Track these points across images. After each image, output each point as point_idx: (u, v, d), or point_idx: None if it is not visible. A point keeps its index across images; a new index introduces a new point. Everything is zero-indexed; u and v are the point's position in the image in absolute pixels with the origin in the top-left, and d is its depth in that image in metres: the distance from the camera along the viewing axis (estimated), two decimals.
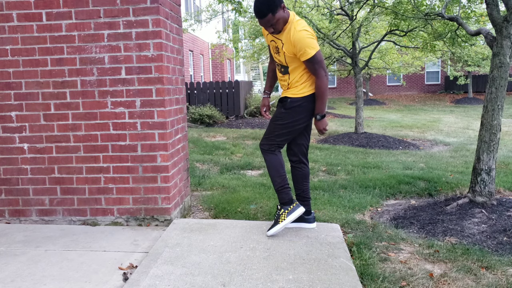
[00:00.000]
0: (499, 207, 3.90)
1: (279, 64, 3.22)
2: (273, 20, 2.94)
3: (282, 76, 3.25)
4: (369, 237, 3.46)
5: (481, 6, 8.13)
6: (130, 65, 3.39)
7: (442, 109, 19.85)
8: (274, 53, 3.20)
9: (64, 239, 3.25)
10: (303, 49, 2.97)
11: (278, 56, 3.16)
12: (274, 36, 3.11)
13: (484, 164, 3.98)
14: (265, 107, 3.49)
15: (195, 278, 2.56)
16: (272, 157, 3.24)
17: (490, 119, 3.94)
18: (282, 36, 3.06)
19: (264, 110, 3.49)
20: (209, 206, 4.30)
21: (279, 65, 3.22)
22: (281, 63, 3.18)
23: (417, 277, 2.78)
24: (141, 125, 3.46)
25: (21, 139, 3.55)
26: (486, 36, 4.07)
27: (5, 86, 3.50)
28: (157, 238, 3.26)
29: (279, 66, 3.22)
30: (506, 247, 3.29)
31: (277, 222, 3.19)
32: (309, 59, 3.01)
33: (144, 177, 3.51)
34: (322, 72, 3.03)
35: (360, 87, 9.73)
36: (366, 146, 8.71)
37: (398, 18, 6.88)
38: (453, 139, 9.99)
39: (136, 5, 3.32)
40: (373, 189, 5.02)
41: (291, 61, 3.10)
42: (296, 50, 3.01)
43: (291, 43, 3.01)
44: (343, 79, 26.94)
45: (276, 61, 3.22)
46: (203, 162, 6.62)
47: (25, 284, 2.55)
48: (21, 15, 3.41)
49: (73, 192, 3.57)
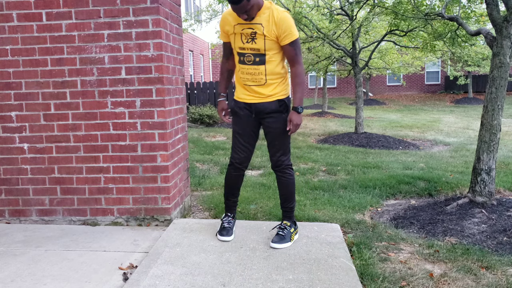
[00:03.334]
0: (499, 207, 3.90)
1: (251, 55, 2.96)
2: (247, 6, 2.78)
3: (255, 68, 2.98)
4: (369, 237, 3.46)
5: (481, 6, 8.13)
6: (130, 65, 3.39)
7: (442, 109, 19.85)
8: (245, 42, 2.96)
9: (64, 239, 3.25)
10: (288, 29, 2.86)
11: (254, 44, 2.95)
12: (249, 23, 2.93)
13: (484, 164, 3.98)
14: (224, 111, 3.19)
15: (195, 278, 2.56)
16: (293, 172, 3.16)
17: (490, 119, 3.94)
18: (262, 20, 2.90)
19: (224, 114, 3.19)
20: (209, 206, 4.30)
21: (251, 55, 2.96)
22: (257, 52, 2.96)
23: (417, 277, 2.78)
24: (141, 125, 3.46)
25: (21, 139, 3.55)
26: (486, 36, 4.07)
27: (5, 86, 3.50)
28: (157, 238, 3.26)
29: (252, 56, 2.98)
30: (506, 247, 3.29)
31: (288, 239, 3.06)
32: (293, 42, 2.89)
33: (144, 177, 3.51)
34: (301, 58, 2.97)
35: (360, 87, 9.73)
36: (366, 146, 8.71)
37: (398, 18, 6.88)
38: (453, 139, 9.98)
39: (136, 5, 3.32)
40: (373, 189, 5.02)
41: (270, 47, 2.93)
42: (281, 31, 2.87)
43: (275, 24, 2.87)
44: (343, 79, 26.94)
45: (248, 52, 2.97)
46: (203, 162, 6.62)
47: (25, 284, 2.55)
48: (21, 15, 3.41)
49: (73, 192, 3.57)
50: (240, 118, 3.08)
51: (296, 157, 7.16)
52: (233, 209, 3.29)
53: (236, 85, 3.13)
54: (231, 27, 2.99)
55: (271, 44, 2.92)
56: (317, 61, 14.49)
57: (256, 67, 2.96)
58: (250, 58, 2.97)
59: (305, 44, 11.10)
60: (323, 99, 17.74)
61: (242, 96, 3.05)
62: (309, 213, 4.01)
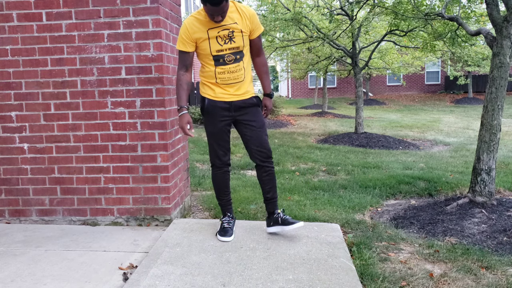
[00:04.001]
0: (499, 207, 3.90)
1: (231, 54, 2.99)
2: (226, 6, 2.78)
3: (236, 65, 3.00)
4: (369, 237, 3.46)
5: (481, 6, 8.13)
6: (130, 65, 3.39)
7: (442, 109, 19.85)
8: (223, 44, 2.94)
9: (64, 239, 3.25)
10: (258, 22, 3.00)
11: (233, 43, 2.96)
12: (223, 24, 2.92)
13: (484, 164, 3.98)
14: (189, 125, 3.02)
15: (195, 278, 2.56)
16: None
17: (490, 119, 3.95)
18: (234, 18, 2.93)
19: (188, 128, 3.02)
20: (209, 206, 4.30)
21: (231, 54, 2.97)
22: (236, 50, 2.98)
23: (417, 277, 2.78)
24: (141, 125, 3.46)
25: (21, 139, 3.55)
26: (486, 36, 4.07)
27: (5, 86, 3.50)
28: (157, 238, 3.26)
29: (232, 56, 2.99)
30: (506, 247, 3.29)
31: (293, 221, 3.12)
32: (260, 34, 3.07)
33: (144, 177, 3.51)
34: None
35: (360, 87, 9.73)
36: (366, 146, 8.71)
37: (398, 18, 6.88)
38: (453, 139, 9.99)
39: (136, 5, 3.32)
40: (373, 189, 5.02)
41: (246, 43, 3.01)
42: (254, 25, 2.99)
43: (248, 19, 2.96)
44: (343, 79, 26.94)
45: (227, 52, 2.96)
46: (203, 162, 6.62)
47: (25, 284, 2.55)
48: (21, 15, 3.41)
49: (73, 192, 3.57)
50: (214, 117, 3.05)
51: (296, 157, 7.16)
52: (230, 208, 3.28)
53: (209, 86, 3.05)
54: (203, 33, 2.93)
55: (246, 39, 3.02)
56: (317, 61, 14.50)
57: (237, 64, 3.01)
58: (231, 58, 2.99)
59: (305, 44, 11.10)
60: (323, 99, 17.74)
61: (221, 95, 3.03)
62: (309, 213, 4.01)
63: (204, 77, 3.06)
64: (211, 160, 3.17)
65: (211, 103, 3.04)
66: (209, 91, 3.06)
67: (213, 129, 3.08)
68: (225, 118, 3.06)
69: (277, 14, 8.67)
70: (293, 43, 10.84)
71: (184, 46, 2.96)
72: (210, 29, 2.92)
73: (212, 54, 2.96)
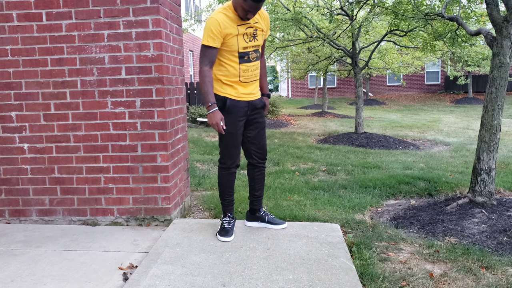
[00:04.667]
0: (499, 207, 3.90)
1: (254, 51, 3.03)
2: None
3: (254, 64, 3.04)
4: (369, 237, 3.46)
5: (481, 6, 8.13)
6: (130, 65, 3.39)
7: (442, 109, 19.85)
8: (248, 41, 2.98)
9: (64, 239, 3.25)
10: (269, 25, 3.10)
11: (256, 41, 3.02)
12: (248, 22, 2.96)
13: (484, 164, 3.98)
14: (222, 121, 2.97)
15: (195, 278, 2.56)
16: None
17: (490, 119, 3.95)
18: (255, 17, 3.00)
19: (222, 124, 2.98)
20: (209, 206, 4.30)
21: (253, 52, 3.03)
22: (257, 48, 3.05)
23: (417, 277, 2.78)
24: (141, 125, 3.46)
25: (21, 139, 3.55)
26: (486, 36, 4.07)
27: (5, 86, 3.50)
28: (157, 238, 3.26)
29: (255, 53, 3.04)
30: (506, 247, 3.29)
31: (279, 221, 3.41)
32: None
33: (144, 177, 3.51)
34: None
35: (360, 87, 9.73)
36: (366, 146, 8.71)
37: (398, 18, 6.88)
38: (453, 139, 9.98)
39: (136, 5, 3.32)
40: (373, 189, 5.02)
41: (262, 42, 3.12)
42: (267, 27, 3.11)
43: (265, 20, 3.08)
44: (343, 79, 26.94)
45: (250, 49, 3.01)
46: (203, 162, 6.62)
47: (25, 284, 2.55)
48: (21, 15, 3.41)
49: (73, 192, 3.57)
50: (235, 118, 3.05)
51: (296, 157, 7.16)
52: (231, 209, 3.29)
53: (230, 85, 3.04)
54: (234, 29, 2.93)
55: (262, 39, 3.11)
56: (317, 61, 14.50)
57: (257, 62, 3.11)
58: (254, 55, 3.05)
59: (305, 44, 11.10)
60: (323, 99, 17.74)
61: (242, 95, 3.06)
62: (309, 213, 4.01)
63: (224, 76, 3.01)
64: (223, 160, 3.15)
65: (233, 103, 3.02)
66: (230, 90, 3.03)
67: (232, 129, 3.04)
68: (243, 118, 3.08)
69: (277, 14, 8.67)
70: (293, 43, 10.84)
71: (213, 42, 2.90)
72: (239, 25, 2.95)
73: (238, 51, 2.98)
